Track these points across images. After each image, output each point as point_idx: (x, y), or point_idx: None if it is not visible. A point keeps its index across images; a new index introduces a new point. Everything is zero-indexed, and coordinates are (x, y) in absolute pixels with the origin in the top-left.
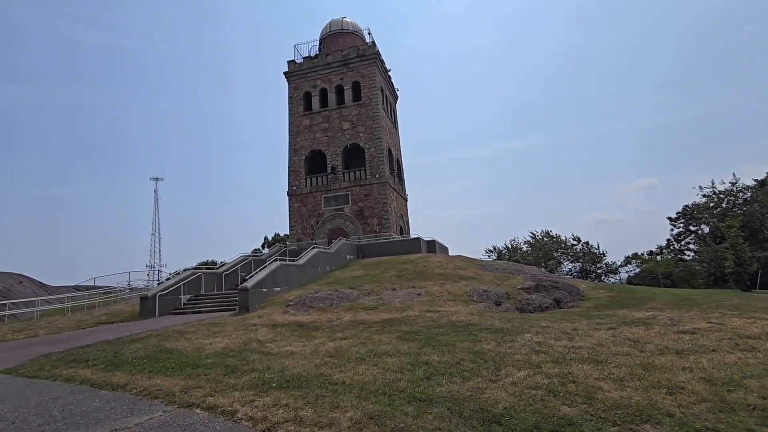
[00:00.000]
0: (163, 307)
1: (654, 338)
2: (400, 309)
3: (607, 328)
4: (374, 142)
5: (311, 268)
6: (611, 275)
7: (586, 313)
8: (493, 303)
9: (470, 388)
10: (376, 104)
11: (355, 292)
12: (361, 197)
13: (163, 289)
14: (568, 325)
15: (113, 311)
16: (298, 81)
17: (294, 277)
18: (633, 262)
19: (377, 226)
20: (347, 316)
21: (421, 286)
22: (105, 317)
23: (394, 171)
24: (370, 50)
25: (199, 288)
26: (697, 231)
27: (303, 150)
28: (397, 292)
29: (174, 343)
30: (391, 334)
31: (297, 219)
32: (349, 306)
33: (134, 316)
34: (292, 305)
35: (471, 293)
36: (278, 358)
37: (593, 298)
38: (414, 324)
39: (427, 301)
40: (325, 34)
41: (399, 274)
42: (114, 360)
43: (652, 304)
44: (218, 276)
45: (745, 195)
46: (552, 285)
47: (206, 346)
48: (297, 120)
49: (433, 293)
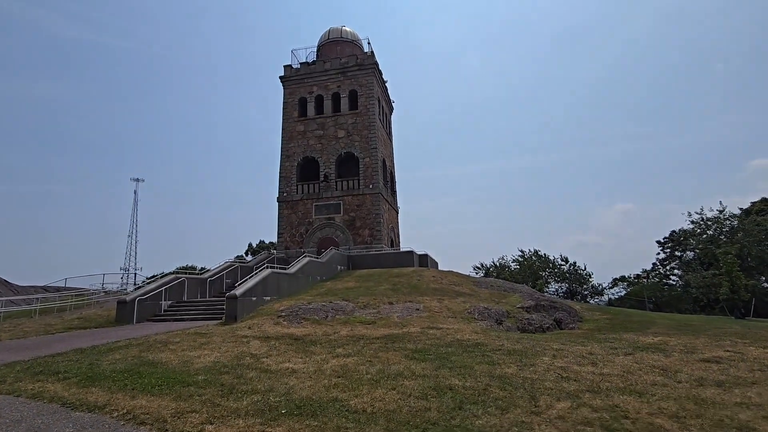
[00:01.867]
0: (142, 312)
1: (679, 366)
2: (400, 324)
3: (624, 353)
4: (369, 151)
5: (302, 277)
6: (597, 297)
7: (591, 335)
8: (494, 321)
9: (513, 422)
10: (372, 114)
11: (350, 304)
12: (353, 207)
13: (143, 294)
14: (581, 348)
15: (86, 315)
16: (294, 86)
17: (285, 287)
18: (620, 284)
19: (369, 237)
20: (344, 330)
21: (419, 301)
22: (77, 322)
23: (387, 182)
24: (369, 60)
25: (182, 294)
26: (682, 257)
27: (296, 156)
28: (395, 306)
29: (157, 354)
30: (397, 352)
31: (286, 226)
32: (345, 319)
33: (110, 322)
34: (284, 316)
35: (471, 311)
36: (279, 377)
37: (591, 320)
38: (418, 341)
39: (427, 317)
40: (323, 42)
41: (394, 288)
42: (89, 373)
43: (654, 329)
44: (202, 282)
45: (732, 223)
46: (550, 305)
47: (194, 359)
48: (291, 125)
49: (431, 309)
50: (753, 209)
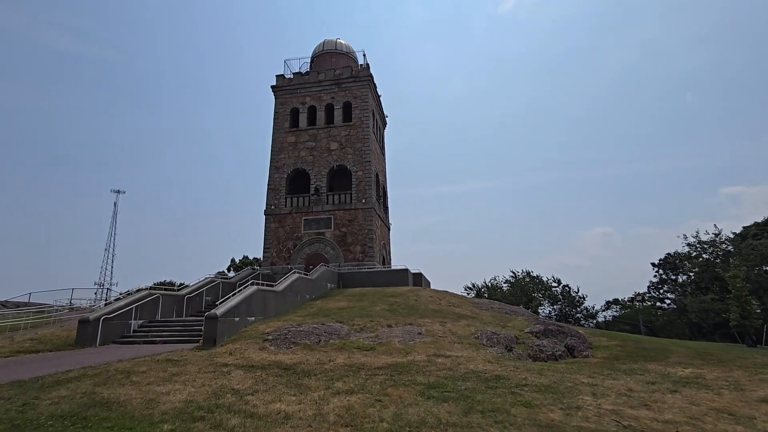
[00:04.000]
0: (108, 333)
1: (743, 409)
2: (403, 351)
3: (669, 391)
4: (363, 165)
5: (291, 295)
6: (590, 320)
7: (611, 365)
8: (504, 348)
9: None
10: (367, 126)
11: (345, 327)
12: (344, 222)
13: (109, 312)
14: (614, 383)
15: (42, 336)
16: (286, 96)
17: (271, 306)
18: (613, 307)
19: (360, 254)
20: (341, 358)
21: (419, 323)
22: (29, 344)
23: (380, 197)
24: (364, 72)
25: (155, 312)
26: (676, 280)
27: (285, 168)
28: (394, 330)
29: (115, 390)
30: (409, 388)
31: (273, 241)
32: (341, 344)
33: (68, 344)
34: (270, 340)
35: (478, 335)
36: (270, 427)
37: (602, 347)
38: (429, 373)
39: (431, 343)
40: (317, 53)
41: (391, 309)
42: (18, 420)
43: (674, 358)
44: (179, 299)
45: (728, 247)
46: (558, 330)
47: (161, 397)
48: (281, 136)
49: (434, 333)
50: (748, 233)
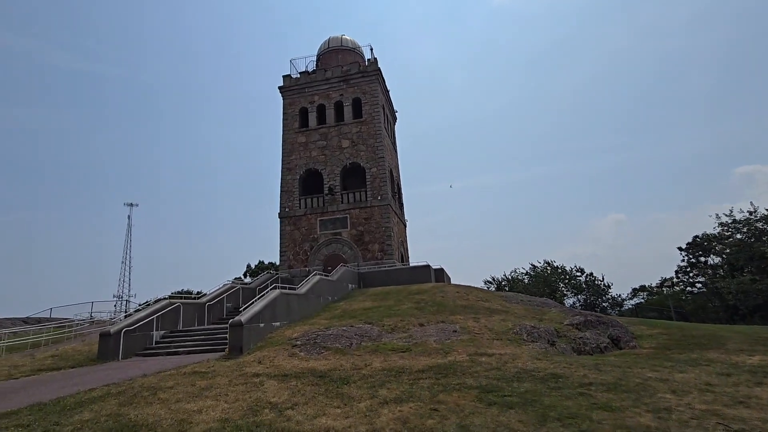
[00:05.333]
0: (130, 346)
1: None
2: (441, 351)
3: (752, 383)
4: (376, 161)
5: (313, 298)
6: (617, 309)
7: (666, 355)
8: (546, 343)
9: None
10: (378, 122)
11: (375, 328)
12: (360, 221)
13: (130, 324)
14: (685, 376)
15: (63, 352)
16: (294, 96)
17: (295, 309)
18: (640, 294)
19: (379, 253)
20: (377, 362)
21: (451, 321)
22: (50, 361)
23: (395, 194)
24: (372, 66)
25: (177, 322)
26: (706, 263)
27: (297, 169)
28: (427, 329)
29: (142, 410)
30: (462, 393)
31: (289, 243)
32: (374, 347)
33: (90, 359)
34: (299, 346)
35: (517, 331)
36: None
37: (646, 336)
38: (476, 375)
39: (469, 341)
40: (323, 51)
41: (418, 307)
42: None
43: (732, 345)
44: (200, 307)
45: (763, 225)
46: (598, 320)
47: (193, 416)
48: (291, 137)
49: (470, 330)
50: None
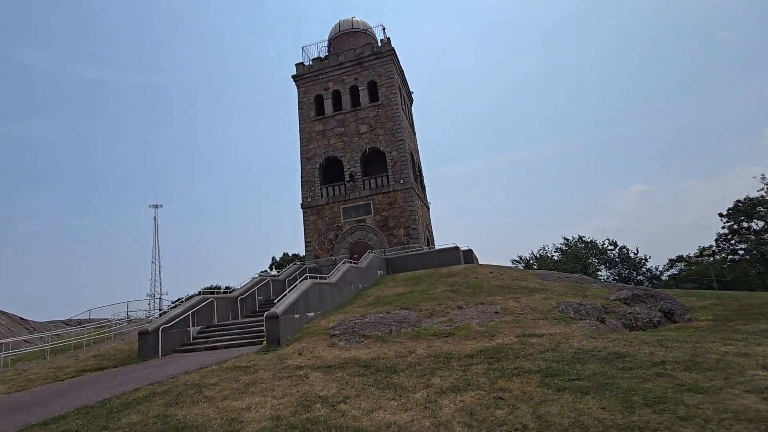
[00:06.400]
0: (168, 343)
1: None
2: (486, 334)
3: None
4: (396, 144)
5: (345, 286)
6: (654, 281)
7: (732, 327)
8: (595, 320)
9: None
10: (395, 104)
11: (412, 313)
12: (384, 206)
13: (167, 321)
14: (765, 349)
15: (105, 351)
16: (308, 84)
17: (328, 299)
18: (677, 265)
19: (405, 237)
20: (421, 348)
21: (490, 302)
22: (93, 361)
23: (417, 177)
24: (386, 47)
25: (211, 317)
26: (749, 228)
27: (317, 158)
28: (466, 311)
29: (190, 409)
30: (524, 378)
31: (313, 234)
32: (415, 333)
33: (131, 358)
34: (337, 335)
35: (563, 309)
36: None
37: (698, 308)
38: (531, 357)
39: (514, 321)
40: (334, 35)
41: (453, 289)
42: None
43: None
44: (232, 301)
45: None
46: (646, 294)
47: (242, 414)
48: (309, 126)
49: (512, 310)
50: None
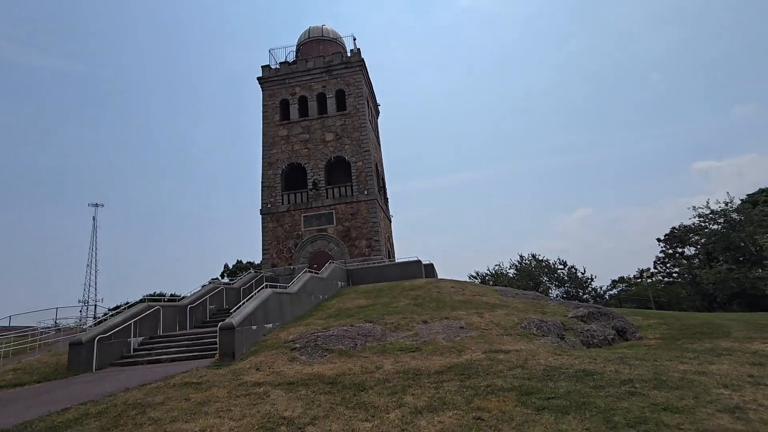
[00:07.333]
0: (105, 355)
1: None
2: (453, 349)
3: None
4: (362, 155)
5: (305, 296)
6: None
7: (680, 346)
8: (556, 337)
9: None
10: (363, 114)
11: (377, 327)
12: (347, 216)
13: (104, 330)
14: (718, 368)
15: (27, 364)
16: (275, 87)
17: (287, 309)
18: (619, 286)
19: (366, 249)
20: (388, 364)
21: (455, 317)
22: (11, 375)
23: (381, 189)
24: (356, 57)
25: (156, 327)
26: (682, 253)
27: (279, 163)
28: (432, 326)
29: None
30: (499, 397)
31: (272, 241)
32: (380, 347)
33: (59, 372)
34: (298, 349)
35: (525, 325)
36: None
37: (647, 327)
38: (501, 374)
39: (480, 337)
40: (303, 41)
41: (416, 303)
42: None
43: (737, 333)
44: (181, 310)
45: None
46: (599, 312)
47: None
48: (272, 130)
49: (477, 326)
50: (759, 200)
